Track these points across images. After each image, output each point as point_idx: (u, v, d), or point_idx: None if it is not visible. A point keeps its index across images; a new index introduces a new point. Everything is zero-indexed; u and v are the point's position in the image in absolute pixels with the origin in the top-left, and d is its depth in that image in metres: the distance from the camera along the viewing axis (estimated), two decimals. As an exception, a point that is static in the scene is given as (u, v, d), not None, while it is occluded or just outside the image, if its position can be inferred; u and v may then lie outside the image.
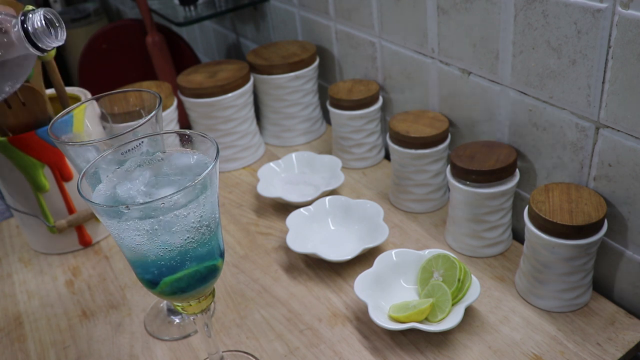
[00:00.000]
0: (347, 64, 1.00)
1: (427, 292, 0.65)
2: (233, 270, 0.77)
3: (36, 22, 0.53)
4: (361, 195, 0.89)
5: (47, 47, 0.55)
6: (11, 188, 0.80)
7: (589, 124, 0.63)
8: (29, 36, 0.53)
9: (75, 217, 0.83)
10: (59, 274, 0.81)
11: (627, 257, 0.65)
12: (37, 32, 0.53)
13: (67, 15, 2.21)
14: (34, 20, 0.53)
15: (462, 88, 0.78)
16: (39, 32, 0.53)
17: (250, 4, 1.18)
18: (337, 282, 0.73)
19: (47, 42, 0.54)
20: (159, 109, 0.63)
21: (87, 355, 0.68)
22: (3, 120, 0.75)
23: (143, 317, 0.72)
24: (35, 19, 0.53)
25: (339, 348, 0.64)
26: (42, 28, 0.53)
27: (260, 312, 0.70)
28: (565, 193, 0.64)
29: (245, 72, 0.96)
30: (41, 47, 0.54)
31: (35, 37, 0.53)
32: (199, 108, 0.95)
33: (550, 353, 0.60)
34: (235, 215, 0.88)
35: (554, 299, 0.64)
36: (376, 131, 0.93)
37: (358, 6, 0.91)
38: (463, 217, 0.72)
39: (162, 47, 1.31)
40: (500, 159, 0.69)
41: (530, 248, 0.64)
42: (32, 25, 0.52)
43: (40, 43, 0.54)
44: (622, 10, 0.54)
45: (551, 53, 0.63)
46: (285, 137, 1.04)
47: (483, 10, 0.69)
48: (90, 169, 0.50)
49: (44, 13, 0.54)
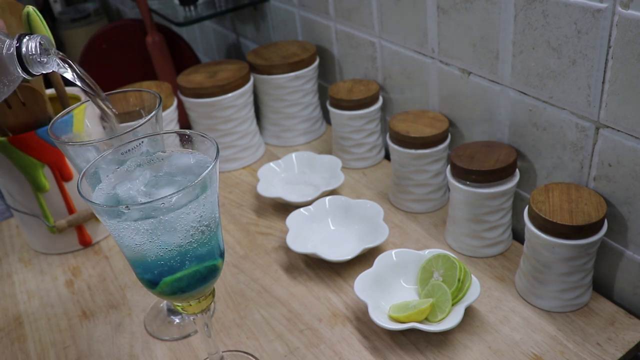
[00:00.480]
0: (347, 64, 1.00)
1: (427, 292, 0.65)
2: (233, 270, 0.77)
3: (31, 47, 0.53)
4: (361, 195, 0.89)
5: (35, 72, 0.55)
6: (11, 188, 0.80)
7: (589, 124, 0.63)
8: (21, 59, 0.53)
9: (75, 217, 0.83)
10: (59, 274, 0.81)
11: (627, 257, 0.65)
12: (29, 57, 0.54)
13: (67, 15, 2.21)
14: (29, 46, 0.53)
15: (462, 88, 0.78)
16: (33, 57, 0.54)
17: (250, 4, 1.18)
18: (337, 282, 0.73)
19: (37, 68, 0.55)
20: (159, 109, 0.63)
21: (87, 355, 0.68)
22: (3, 120, 0.75)
23: (143, 317, 0.72)
24: (30, 44, 0.54)
25: (339, 348, 0.64)
26: (36, 54, 0.54)
27: (260, 312, 0.70)
28: (565, 193, 0.64)
29: (245, 72, 0.96)
30: (30, 71, 0.55)
31: (27, 61, 0.54)
32: (199, 108, 0.95)
33: (550, 353, 0.60)
34: (235, 215, 0.88)
35: (554, 299, 0.64)
36: (376, 131, 0.93)
37: (358, 6, 0.91)
38: (463, 217, 0.72)
39: (162, 47, 1.31)
40: (500, 159, 0.69)
41: (530, 248, 0.64)
42: (27, 48, 0.53)
43: (31, 68, 0.54)
44: (622, 10, 0.54)
45: (551, 53, 0.63)
46: (285, 137, 1.04)
47: (483, 10, 0.69)
48: (90, 169, 0.50)
49: (39, 40, 0.54)
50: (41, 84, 0.77)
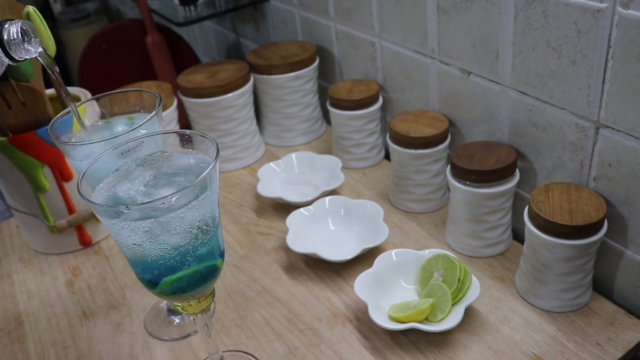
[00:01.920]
0: (347, 64, 1.00)
1: (427, 292, 0.65)
2: (233, 270, 0.77)
3: (12, 32, 0.54)
4: (361, 195, 0.89)
5: (19, 57, 0.56)
6: (11, 188, 0.80)
7: (589, 124, 0.63)
8: (3, 45, 0.54)
9: (75, 217, 0.83)
10: (59, 274, 0.81)
11: (627, 257, 0.65)
12: (12, 42, 0.54)
13: (67, 15, 2.21)
14: (11, 31, 0.54)
15: (462, 88, 0.78)
16: (14, 42, 0.54)
17: (250, 4, 1.18)
18: (337, 282, 0.73)
19: (19, 53, 0.55)
20: (159, 109, 0.63)
21: (87, 355, 0.68)
22: (3, 120, 0.75)
23: (143, 317, 0.72)
24: (12, 30, 0.54)
25: (339, 348, 0.64)
26: (18, 39, 0.54)
27: (260, 312, 0.70)
28: (565, 193, 0.64)
29: (245, 72, 0.96)
30: (14, 57, 0.55)
31: (9, 46, 0.54)
32: (199, 108, 0.95)
33: (550, 353, 0.60)
34: (235, 215, 0.88)
35: (554, 299, 0.64)
36: (376, 131, 0.93)
37: (358, 6, 0.91)
38: (463, 217, 0.72)
39: (162, 47, 1.31)
40: (500, 159, 0.69)
41: (530, 248, 0.64)
42: (8, 35, 0.54)
43: (14, 53, 0.55)
44: (622, 10, 0.54)
45: (551, 53, 0.63)
46: (285, 137, 1.04)
47: (483, 10, 0.69)
48: (90, 169, 0.50)
49: (21, 24, 0.55)
50: (41, 84, 0.77)
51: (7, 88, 0.73)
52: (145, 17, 1.28)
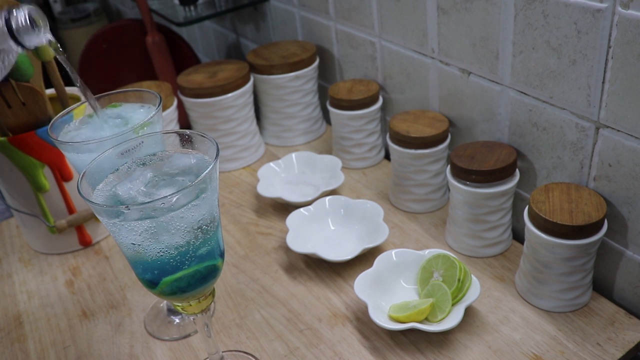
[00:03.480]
0: (347, 64, 1.00)
1: (427, 292, 0.65)
2: (233, 270, 0.77)
3: (20, 19, 0.54)
4: (361, 195, 0.89)
5: (29, 44, 0.55)
6: (11, 188, 0.80)
7: (589, 124, 0.63)
8: (12, 32, 0.53)
9: (75, 217, 0.83)
10: (59, 274, 0.81)
11: (627, 257, 0.65)
12: (20, 29, 0.54)
13: (67, 15, 2.21)
14: (19, 17, 0.54)
15: (462, 88, 0.78)
16: (22, 29, 0.54)
17: (250, 4, 1.18)
18: (337, 282, 0.73)
19: (28, 40, 0.55)
20: (159, 109, 0.63)
21: (87, 355, 0.68)
22: (3, 120, 0.75)
23: (143, 317, 0.72)
24: (20, 16, 0.54)
25: (339, 348, 0.64)
26: (26, 26, 0.54)
27: (260, 312, 0.70)
28: (565, 193, 0.64)
29: (245, 72, 0.96)
30: (22, 43, 0.55)
31: (17, 33, 0.54)
32: (199, 108, 0.95)
33: (550, 353, 0.60)
34: (235, 215, 0.88)
35: (554, 299, 0.64)
36: (376, 131, 0.93)
37: (358, 6, 0.91)
38: (463, 217, 0.72)
39: (162, 47, 1.31)
40: (500, 159, 0.69)
41: (530, 248, 0.64)
42: (16, 22, 0.53)
43: (22, 40, 0.55)
44: (622, 10, 0.54)
45: (551, 53, 0.63)
46: (285, 137, 1.04)
47: (483, 10, 0.69)
48: (90, 169, 0.50)
49: (29, 11, 0.54)
50: (41, 84, 0.77)
51: (7, 88, 0.73)
52: (145, 17, 1.28)
